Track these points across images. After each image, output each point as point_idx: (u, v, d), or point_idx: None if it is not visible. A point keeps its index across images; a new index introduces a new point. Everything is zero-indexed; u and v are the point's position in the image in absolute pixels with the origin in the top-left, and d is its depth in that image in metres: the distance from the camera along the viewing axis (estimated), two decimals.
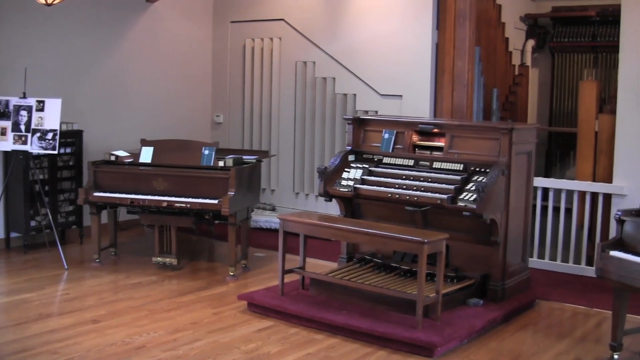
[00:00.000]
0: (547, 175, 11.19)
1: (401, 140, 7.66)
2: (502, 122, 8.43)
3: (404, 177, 7.36)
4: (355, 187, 7.48)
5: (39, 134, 8.30)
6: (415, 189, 7.17)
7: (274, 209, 10.76)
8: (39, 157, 8.84)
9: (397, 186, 7.29)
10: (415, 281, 6.58)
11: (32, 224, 8.85)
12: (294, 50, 10.62)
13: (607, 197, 8.21)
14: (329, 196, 7.71)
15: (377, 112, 9.62)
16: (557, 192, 8.58)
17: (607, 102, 8.69)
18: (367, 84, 9.84)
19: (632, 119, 7.97)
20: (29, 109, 8.34)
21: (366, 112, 9.64)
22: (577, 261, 8.47)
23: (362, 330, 6.21)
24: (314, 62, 10.42)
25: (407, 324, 6.21)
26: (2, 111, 8.39)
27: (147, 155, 8.36)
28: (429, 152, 7.54)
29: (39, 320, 6.49)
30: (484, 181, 6.79)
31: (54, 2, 7.99)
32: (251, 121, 11.20)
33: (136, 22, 10.34)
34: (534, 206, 8.23)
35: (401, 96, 9.52)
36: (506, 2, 10.72)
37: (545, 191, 8.67)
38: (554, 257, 8.60)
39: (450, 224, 7.10)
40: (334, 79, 10.22)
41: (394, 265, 7.39)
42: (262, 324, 6.61)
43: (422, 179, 7.24)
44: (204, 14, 11.38)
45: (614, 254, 5.65)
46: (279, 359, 5.80)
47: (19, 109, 8.36)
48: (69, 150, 9.18)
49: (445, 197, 6.87)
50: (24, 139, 8.33)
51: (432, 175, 7.23)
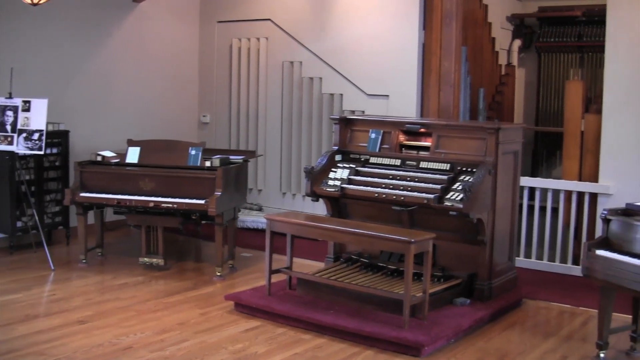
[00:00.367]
0: (533, 174, 11.20)
1: (388, 140, 7.67)
2: (489, 122, 8.46)
3: (391, 176, 7.37)
4: (342, 187, 7.48)
5: (25, 135, 8.27)
6: (402, 188, 7.18)
7: (260, 209, 10.75)
8: (25, 157, 8.79)
9: (383, 186, 7.30)
10: (402, 281, 6.59)
11: (19, 224, 8.81)
12: (280, 50, 10.62)
13: (593, 197, 8.24)
14: (315, 196, 7.71)
15: (363, 112, 9.63)
16: (544, 191, 8.61)
17: (593, 102, 8.72)
18: (353, 84, 9.85)
19: (617, 119, 8.01)
20: (15, 109, 8.30)
21: (353, 112, 9.64)
22: (564, 260, 8.50)
23: (349, 330, 6.21)
24: (301, 62, 10.42)
25: (394, 324, 6.21)
26: None
27: (133, 155, 8.34)
28: (415, 152, 7.55)
29: (25, 321, 6.46)
30: (470, 181, 6.80)
31: (40, 2, 7.97)
32: (238, 121, 11.20)
33: (123, 22, 10.32)
34: (521, 206, 8.26)
35: (388, 96, 9.53)
36: (492, 2, 10.73)
37: (531, 191, 8.69)
38: (540, 257, 8.63)
39: (437, 223, 7.11)
40: (320, 79, 10.23)
41: (381, 265, 7.39)
42: (249, 324, 6.61)
43: (408, 179, 7.25)
44: (190, 14, 11.36)
45: (600, 253, 5.67)
46: (266, 359, 5.80)
47: (4, 109, 8.33)
48: (55, 150, 9.14)
49: (431, 196, 6.88)
50: (9, 139, 8.30)
51: (419, 175, 7.24)
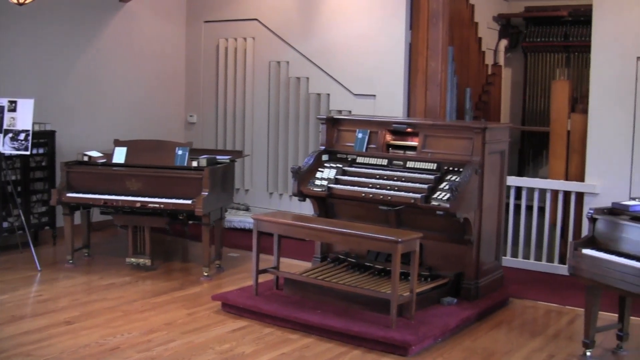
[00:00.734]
0: (520, 174, 11.22)
1: (375, 139, 7.68)
2: (475, 122, 8.47)
3: (378, 176, 7.38)
4: (329, 187, 7.49)
5: (11, 135, 8.24)
6: (388, 188, 7.19)
7: (247, 209, 10.75)
8: (11, 157, 8.76)
9: (370, 186, 7.31)
10: (389, 280, 6.60)
11: (5, 225, 8.77)
12: (267, 50, 10.61)
13: (580, 196, 8.27)
14: (302, 196, 7.72)
15: (350, 111, 9.63)
16: (530, 190, 8.63)
17: (579, 102, 8.75)
18: (340, 83, 9.86)
19: (603, 118, 8.04)
20: (1, 110, 8.27)
21: (340, 112, 9.65)
22: (550, 259, 8.52)
23: (336, 329, 6.22)
24: (288, 62, 10.42)
25: (381, 323, 6.22)
26: None
27: (120, 155, 8.32)
28: (402, 152, 7.56)
29: (12, 322, 6.44)
30: (457, 180, 6.82)
31: (26, 2, 7.94)
32: (225, 121, 11.19)
33: (109, 21, 10.29)
34: (507, 205, 8.29)
35: (375, 96, 9.55)
36: (479, 2, 10.75)
37: (518, 190, 8.71)
38: (527, 256, 8.66)
39: (424, 223, 7.12)
40: (307, 78, 10.23)
41: (368, 264, 7.40)
42: (236, 324, 6.61)
43: (395, 179, 7.26)
44: (177, 14, 11.35)
45: (586, 252, 5.69)
46: (253, 359, 5.79)
47: None
48: (41, 150, 9.11)
49: (418, 196, 6.89)
50: None
51: (406, 174, 7.25)
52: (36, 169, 9.11)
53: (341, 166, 7.66)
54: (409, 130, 7.54)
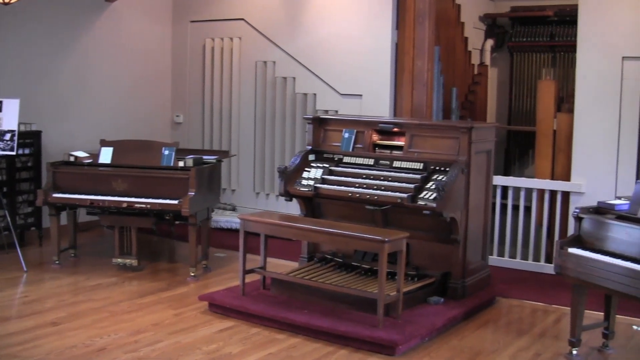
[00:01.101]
0: (506, 173, 11.27)
1: (361, 139, 7.68)
2: (462, 121, 8.48)
3: (364, 176, 7.38)
4: (315, 187, 7.48)
5: None
6: (375, 188, 7.19)
7: (234, 209, 10.74)
8: None
9: (357, 185, 7.31)
10: (376, 280, 6.61)
11: None
12: (254, 49, 10.60)
13: (566, 195, 8.29)
14: (289, 196, 7.71)
15: (337, 111, 9.64)
16: (517, 190, 8.65)
17: (565, 101, 8.78)
18: (327, 83, 9.86)
19: (589, 118, 8.07)
20: None
21: (326, 112, 9.65)
22: (537, 258, 8.55)
23: (323, 329, 6.22)
24: (274, 62, 10.41)
25: (368, 323, 6.22)
26: None
27: (106, 155, 8.30)
28: (389, 152, 7.57)
29: None
30: (443, 180, 6.83)
31: (11, 1, 7.91)
32: (211, 121, 11.17)
33: (95, 21, 10.26)
34: (494, 204, 8.30)
35: (361, 96, 9.55)
36: (465, 2, 10.79)
37: (504, 189, 8.73)
38: (513, 255, 8.68)
39: (410, 222, 7.13)
40: (294, 78, 10.23)
41: (355, 264, 7.40)
42: (223, 324, 6.60)
43: (382, 178, 7.27)
44: (163, 14, 11.32)
45: (572, 251, 5.72)
46: (240, 359, 5.79)
47: None
48: (27, 151, 9.07)
49: (405, 196, 6.89)
50: None
51: (392, 174, 7.26)
52: (22, 170, 9.07)
53: (328, 166, 7.66)
54: (396, 130, 7.55)
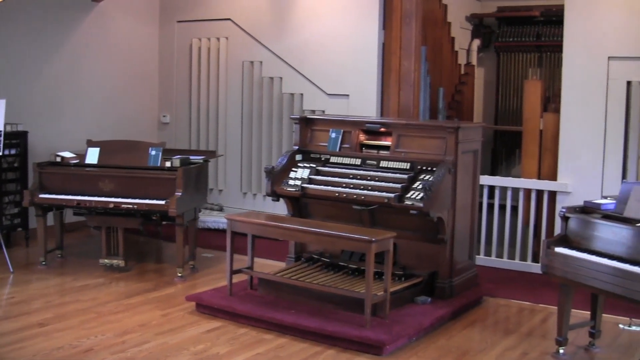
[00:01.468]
0: (493, 173, 11.29)
1: (348, 139, 7.69)
2: (449, 121, 8.50)
3: (351, 176, 7.38)
4: (302, 187, 7.48)
5: None
6: (362, 188, 7.20)
7: (221, 209, 10.73)
8: None
9: (344, 185, 7.31)
10: (363, 280, 6.61)
11: None
12: (240, 49, 10.60)
13: (552, 195, 8.32)
14: (276, 196, 7.71)
15: (324, 111, 9.64)
16: (503, 190, 8.67)
17: (551, 101, 8.80)
18: (314, 83, 9.86)
19: (575, 117, 8.10)
20: None
21: (313, 112, 9.65)
22: (523, 258, 8.57)
23: (310, 329, 6.22)
24: (261, 62, 10.41)
25: (355, 323, 6.23)
26: None
27: (93, 156, 8.28)
28: (376, 151, 7.57)
29: None
30: (430, 180, 6.84)
31: None
32: (198, 121, 11.16)
33: (82, 21, 10.23)
34: (481, 204, 8.32)
35: (348, 96, 9.56)
36: (452, 2, 10.80)
37: (491, 189, 8.75)
38: (500, 255, 8.70)
39: (397, 222, 7.14)
40: (280, 78, 10.22)
41: (342, 264, 7.40)
42: (210, 324, 6.59)
43: (369, 178, 7.27)
44: (150, 14, 11.30)
45: (559, 250, 5.73)
46: (228, 359, 5.79)
47: None
48: (13, 151, 9.03)
49: (392, 195, 6.90)
50: None
51: (379, 174, 7.27)
52: (8, 170, 9.03)
53: (315, 166, 7.66)
54: (383, 130, 7.56)
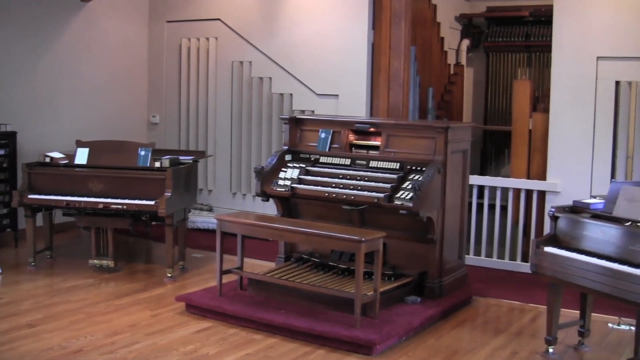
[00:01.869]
0: (482, 173, 11.31)
1: (338, 139, 7.68)
2: (438, 121, 8.53)
3: (341, 176, 7.38)
4: (292, 187, 7.48)
5: None
6: (352, 188, 7.20)
7: (211, 210, 10.72)
8: None
9: (334, 185, 7.31)
10: (353, 280, 6.61)
11: None
12: (230, 50, 10.59)
13: (541, 194, 8.34)
14: (266, 196, 7.71)
15: (313, 111, 9.64)
16: (493, 189, 8.69)
17: (540, 101, 8.82)
18: (303, 83, 9.85)
19: (564, 117, 8.11)
20: None
21: (303, 112, 9.65)
22: (513, 257, 8.59)
23: (300, 329, 6.22)
24: (251, 62, 10.40)
25: (345, 323, 6.23)
26: None
27: (82, 156, 8.26)
28: (365, 151, 7.57)
29: None
30: (420, 180, 6.84)
31: None
32: (187, 121, 11.14)
33: (71, 21, 10.21)
34: (470, 204, 8.32)
35: (337, 96, 9.55)
36: (441, 2, 10.82)
37: (480, 189, 8.76)
38: (490, 254, 8.71)
39: (387, 222, 7.15)
40: (270, 78, 10.22)
41: (332, 264, 7.40)
42: (200, 325, 6.59)
43: (358, 178, 7.27)
44: (139, 14, 11.28)
45: (548, 249, 5.75)
46: (218, 359, 5.79)
47: None
48: (2, 152, 8.99)
49: (381, 195, 6.91)
50: None
51: (369, 174, 7.27)
52: None
53: (304, 166, 7.66)
54: (372, 129, 7.56)
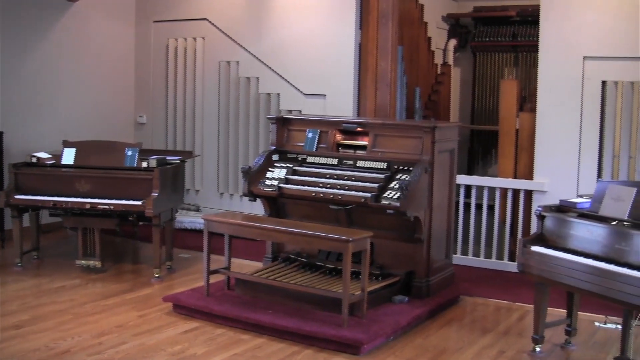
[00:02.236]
0: (469, 172, 11.34)
1: (325, 139, 7.69)
2: (425, 121, 8.50)
3: (328, 176, 7.39)
4: (279, 187, 7.48)
5: None
6: (339, 187, 7.21)
7: (198, 210, 10.71)
8: None
9: (321, 185, 7.32)
10: (340, 279, 6.60)
11: None
12: (217, 49, 10.58)
13: (528, 194, 8.36)
14: (253, 196, 7.70)
15: (300, 111, 9.64)
16: (480, 189, 8.71)
17: (527, 101, 8.85)
18: (290, 83, 9.85)
19: (551, 117, 8.14)
20: None
21: (290, 112, 9.65)
22: (500, 257, 8.61)
23: (288, 329, 6.22)
24: (238, 62, 10.39)
25: (333, 322, 6.23)
26: None
27: (69, 156, 8.23)
28: (352, 151, 7.58)
29: None
30: (407, 179, 6.86)
31: None
32: (175, 121, 11.13)
33: (57, 21, 10.18)
34: (457, 203, 8.35)
35: (325, 95, 9.56)
36: (428, 2, 10.83)
37: (468, 188, 8.78)
38: (477, 253, 8.73)
39: (374, 222, 7.15)
40: (257, 78, 10.21)
41: (319, 264, 7.41)
42: (188, 325, 6.58)
43: (346, 178, 7.28)
44: (126, 14, 11.25)
45: (535, 249, 5.77)
46: None
47: None
48: None
49: (369, 195, 6.91)
50: None
51: (356, 174, 7.27)
52: None
53: (291, 166, 7.66)
54: (359, 129, 7.56)
